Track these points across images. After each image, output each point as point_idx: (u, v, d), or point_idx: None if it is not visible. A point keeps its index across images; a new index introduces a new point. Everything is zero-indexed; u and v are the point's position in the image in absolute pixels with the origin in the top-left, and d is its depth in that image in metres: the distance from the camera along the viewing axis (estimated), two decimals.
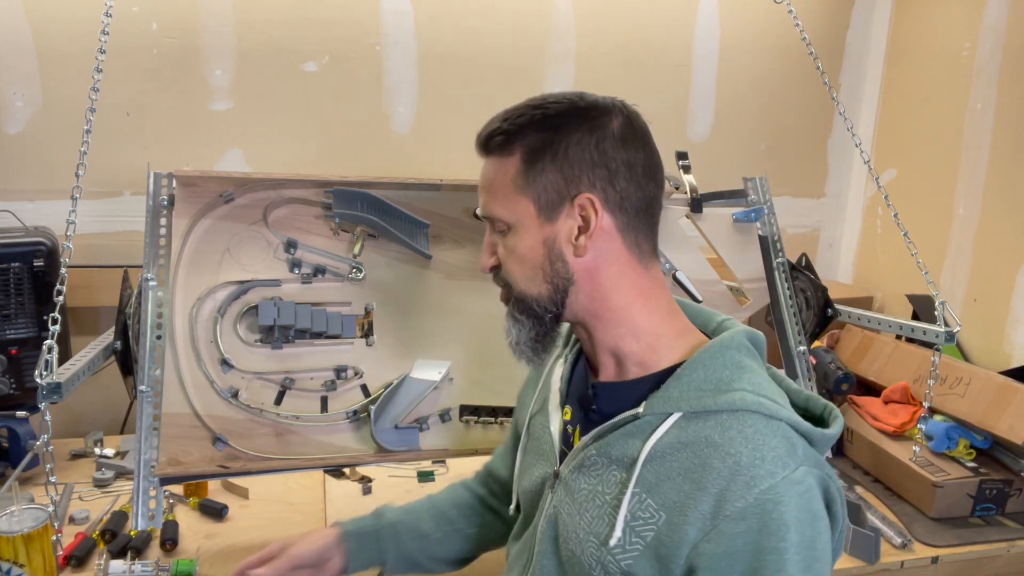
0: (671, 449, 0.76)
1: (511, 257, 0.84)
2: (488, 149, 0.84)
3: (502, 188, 0.82)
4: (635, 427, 0.80)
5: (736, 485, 0.71)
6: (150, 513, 1.14)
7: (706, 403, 0.77)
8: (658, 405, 0.79)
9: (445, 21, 1.86)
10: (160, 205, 1.24)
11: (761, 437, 0.74)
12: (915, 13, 2.06)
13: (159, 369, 1.18)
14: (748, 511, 0.71)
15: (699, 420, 0.77)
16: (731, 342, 0.81)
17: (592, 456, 0.83)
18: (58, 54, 1.65)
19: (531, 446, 0.96)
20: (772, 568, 0.70)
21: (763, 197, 1.55)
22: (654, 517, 0.76)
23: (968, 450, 1.49)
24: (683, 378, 0.79)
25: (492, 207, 0.84)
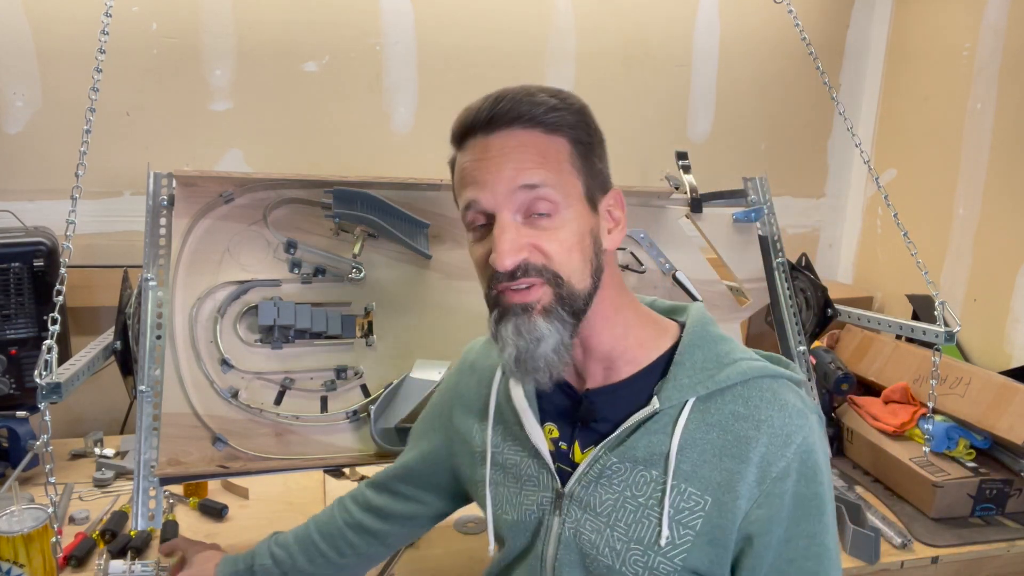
0: (699, 433, 0.77)
1: (563, 244, 0.76)
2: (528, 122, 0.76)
3: (555, 162, 0.76)
4: (654, 423, 0.79)
5: (775, 446, 0.75)
6: (150, 513, 1.14)
7: (718, 380, 0.78)
8: (673, 396, 0.78)
9: (445, 21, 1.86)
10: (160, 205, 1.24)
11: (781, 397, 0.77)
12: (915, 13, 2.06)
13: (159, 369, 1.18)
14: (790, 467, 0.75)
15: (716, 398, 0.78)
16: (703, 318, 0.84)
17: (613, 464, 0.80)
18: (58, 54, 1.65)
19: (505, 477, 0.89)
20: (816, 512, 0.76)
21: (763, 197, 1.55)
22: (699, 504, 0.76)
23: (968, 450, 1.49)
24: (686, 363, 0.80)
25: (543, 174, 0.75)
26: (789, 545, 0.75)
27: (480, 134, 0.77)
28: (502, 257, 0.74)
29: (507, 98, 0.76)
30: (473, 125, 0.78)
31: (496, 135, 0.76)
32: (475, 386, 0.95)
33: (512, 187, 0.75)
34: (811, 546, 0.76)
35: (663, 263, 1.43)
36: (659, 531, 0.76)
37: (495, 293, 0.78)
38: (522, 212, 0.76)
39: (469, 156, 0.78)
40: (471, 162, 0.78)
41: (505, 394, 0.89)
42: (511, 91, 0.77)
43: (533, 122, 0.76)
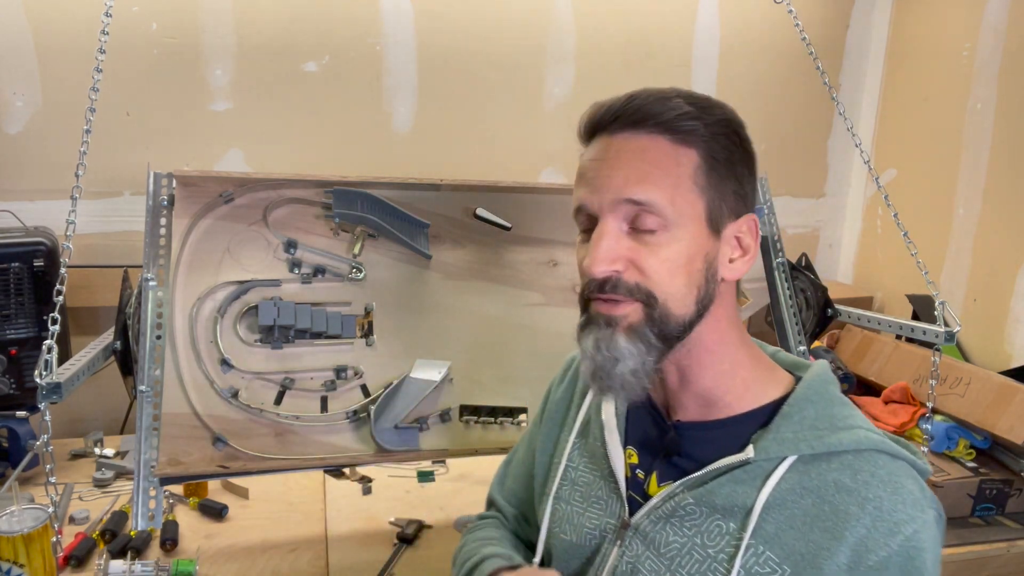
0: (792, 495, 0.69)
1: (664, 264, 0.69)
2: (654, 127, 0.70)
3: (673, 177, 0.69)
4: (744, 472, 0.71)
5: (878, 532, 0.66)
6: (150, 513, 1.14)
7: (828, 443, 0.70)
8: (772, 448, 0.71)
9: (445, 21, 1.86)
10: (160, 205, 1.24)
11: (896, 479, 0.68)
12: (915, 13, 2.06)
13: (159, 369, 1.18)
14: (892, 560, 0.66)
15: (820, 462, 0.70)
16: (826, 376, 0.75)
17: (688, 505, 0.73)
18: (58, 54, 1.65)
19: (573, 494, 0.84)
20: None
21: (763, 197, 1.55)
22: (776, 572, 0.68)
23: (968, 450, 1.49)
24: (794, 417, 0.72)
25: (653, 191, 0.69)
26: None
27: (605, 133, 0.73)
28: (594, 263, 0.70)
29: (639, 97, 0.71)
30: (600, 122, 0.73)
31: (619, 136, 0.71)
32: (571, 396, 0.91)
33: (618, 197, 0.70)
34: None
35: None
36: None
37: (586, 299, 0.74)
38: (628, 221, 0.71)
39: (589, 154, 0.74)
40: (589, 161, 0.73)
41: (596, 409, 0.85)
42: (647, 91, 0.72)
43: (661, 127, 0.70)
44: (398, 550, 1.27)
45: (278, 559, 1.24)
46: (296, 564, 1.23)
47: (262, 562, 1.23)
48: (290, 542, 1.29)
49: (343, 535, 1.32)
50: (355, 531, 1.33)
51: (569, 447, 0.86)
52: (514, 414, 1.31)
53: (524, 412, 1.31)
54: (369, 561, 1.24)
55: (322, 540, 1.30)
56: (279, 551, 1.26)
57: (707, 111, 0.72)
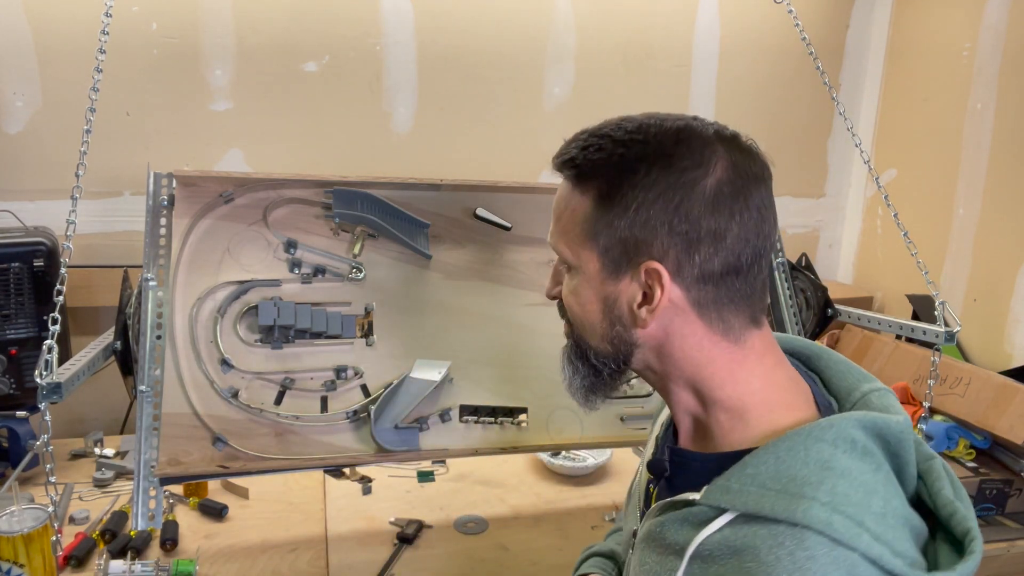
0: (719, 551, 0.63)
1: (571, 299, 0.74)
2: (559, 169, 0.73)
3: (570, 226, 0.71)
4: (690, 514, 0.67)
5: None
6: (150, 513, 1.14)
7: (764, 506, 0.61)
8: (714, 496, 0.65)
9: (445, 21, 1.86)
10: (160, 205, 1.24)
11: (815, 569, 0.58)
12: (915, 13, 2.06)
13: (159, 369, 1.18)
14: None
15: (756, 525, 0.62)
16: (828, 431, 0.64)
17: (656, 530, 0.71)
18: (58, 54, 1.65)
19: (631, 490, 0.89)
20: None
21: None
22: None
23: (968, 450, 1.49)
24: (747, 468, 0.65)
25: (556, 240, 0.74)
26: None
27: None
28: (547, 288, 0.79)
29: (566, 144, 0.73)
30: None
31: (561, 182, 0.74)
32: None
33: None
34: None
35: None
36: None
37: None
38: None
39: None
40: None
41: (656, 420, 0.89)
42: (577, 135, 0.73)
43: (564, 173, 0.72)
44: (398, 550, 1.28)
45: (278, 559, 1.24)
46: (296, 564, 1.23)
47: (262, 562, 1.23)
48: (290, 542, 1.29)
49: (343, 535, 1.32)
50: (355, 531, 1.33)
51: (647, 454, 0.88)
52: (514, 414, 1.31)
53: (524, 412, 1.31)
54: (369, 561, 1.24)
55: (322, 540, 1.30)
56: (279, 551, 1.26)
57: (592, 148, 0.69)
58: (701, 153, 0.66)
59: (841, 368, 0.77)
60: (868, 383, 0.74)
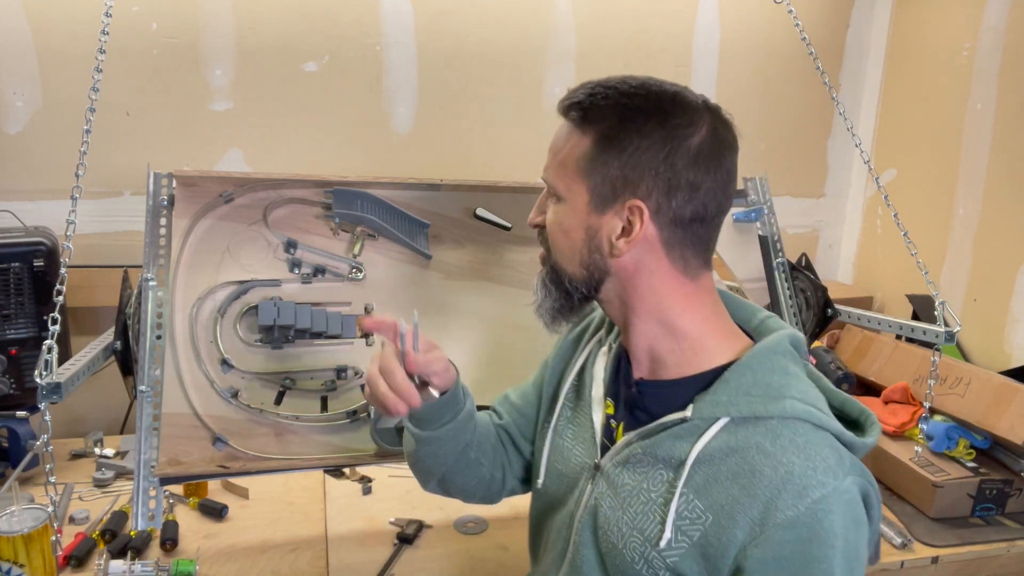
0: (720, 453, 0.77)
1: (555, 228, 0.85)
2: (564, 112, 0.84)
3: (567, 162, 0.82)
4: (683, 429, 0.80)
5: (787, 494, 0.72)
6: (150, 513, 1.14)
7: (756, 409, 0.77)
8: (706, 409, 0.79)
9: (445, 21, 1.86)
10: (160, 205, 1.24)
11: (812, 447, 0.74)
12: (915, 13, 2.06)
13: (159, 369, 1.18)
14: (799, 520, 0.71)
15: (748, 426, 0.77)
16: (777, 347, 0.81)
17: (638, 454, 0.83)
18: (58, 54, 1.65)
19: (567, 430, 0.95)
20: (819, 574, 0.71)
21: (763, 197, 1.55)
22: (701, 518, 0.76)
23: (968, 450, 1.49)
24: (731, 382, 0.79)
25: (551, 173, 0.84)
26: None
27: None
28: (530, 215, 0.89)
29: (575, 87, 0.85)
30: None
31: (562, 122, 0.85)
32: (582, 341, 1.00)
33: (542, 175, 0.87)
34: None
35: None
36: (661, 530, 0.78)
37: None
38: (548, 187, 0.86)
39: None
40: None
41: (592, 360, 0.96)
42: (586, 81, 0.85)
43: (568, 116, 0.83)
44: (398, 550, 1.28)
45: (278, 559, 1.24)
46: (296, 564, 1.23)
47: (262, 562, 1.23)
48: (290, 542, 1.29)
49: (343, 535, 1.32)
50: (355, 531, 1.33)
51: (567, 388, 0.97)
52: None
53: None
54: (369, 561, 1.24)
55: (322, 540, 1.30)
56: (279, 551, 1.26)
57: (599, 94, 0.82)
58: (691, 115, 0.80)
59: (736, 302, 0.90)
60: (760, 312, 0.89)
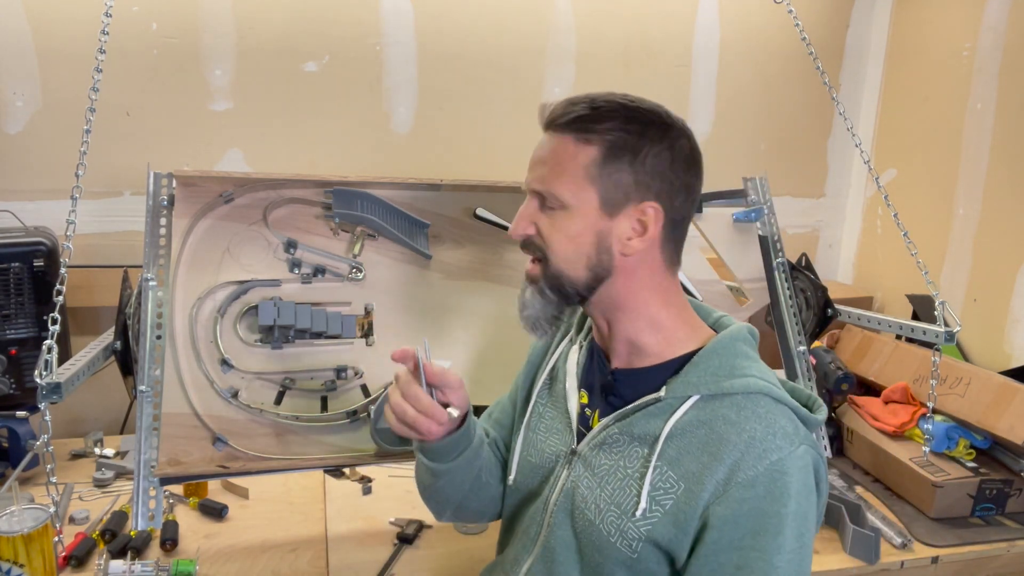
0: (690, 427, 0.85)
1: (558, 235, 0.87)
2: (561, 127, 0.86)
3: (571, 171, 0.86)
4: (657, 408, 0.88)
5: (750, 456, 0.81)
6: (150, 513, 1.14)
7: (723, 386, 0.85)
8: (679, 389, 0.87)
9: (445, 21, 1.86)
10: (160, 205, 1.24)
11: (772, 416, 0.83)
12: (915, 13, 2.06)
13: (159, 369, 1.18)
14: (758, 479, 0.80)
15: (715, 401, 0.85)
16: (738, 335, 0.91)
17: (614, 435, 0.90)
18: (58, 54, 1.65)
19: (539, 424, 1.01)
20: (772, 531, 0.79)
21: (763, 197, 1.55)
22: (674, 487, 0.84)
23: (968, 450, 1.49)
24: (700, 365, 0.88)
25: (554, 185, 0.86)
26: (740, 553, 0.80)
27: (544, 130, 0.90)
28: (513, 226, 0.91)
29: (560, 103, 0.88)
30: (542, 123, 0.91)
31: (546, 135, 0.89)
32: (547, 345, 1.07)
33: (531, 188, 0.90)
34: (759, 561, 0.79)
35: None
36: (637, 501, 0.85)
37: None
38: (539, 201, 0.89)
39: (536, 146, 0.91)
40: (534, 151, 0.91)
41: (563, 358, 1.01)
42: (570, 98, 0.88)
43: (565, 129, 0.86)
44: (398, 550, 1.28)
45: (278, 559, 1.24)
46: (296, 564, 1.23)
47: (262, 562, 1.23)
48: (290, 542, 1.29)
49: (343, 535, 1.32)
50: (355, 531, 1.33)
51: (539, 387, 1.03)
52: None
53: None
54: (369, 561, 1.24)
55: (322, 540, 1.30)
56: (279, 551, 1.26)
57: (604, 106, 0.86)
58: (679, 127, 0.88)
59: (694, 302, 0.98)
60: (715, 311, 0.98)
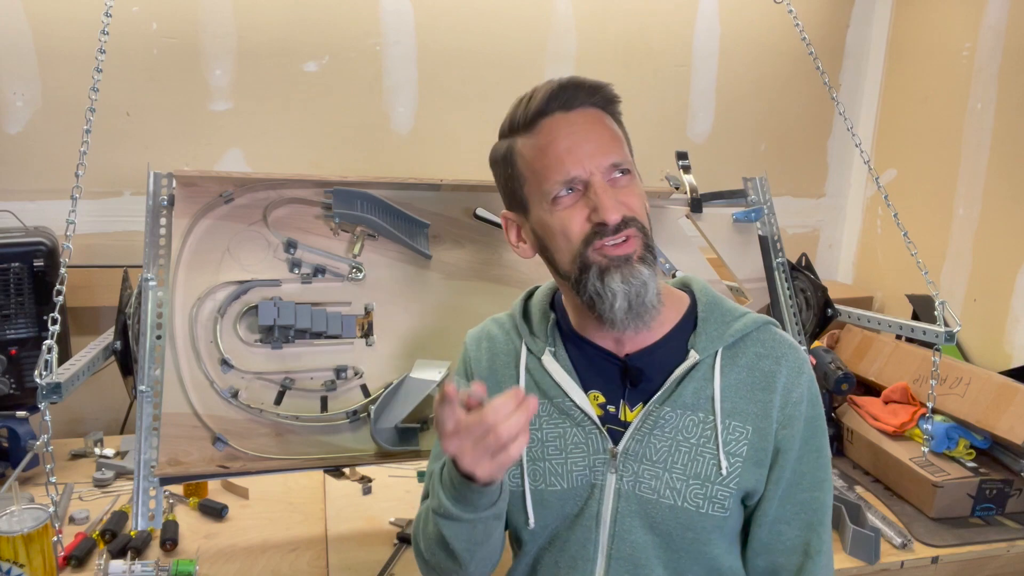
0: (733, 374, 0.90)
1: (639, 200, 0.88)
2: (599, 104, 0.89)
3: (622, 140, 0.90)
4: (696, 371, 0.90)
5: (791, 376, 0.90)
6: (150, 513, 1.14)
7: (738, 329, 0.91)
8: (708, 346, 0.91)
9: (445, 21, 1.86)
10: (160, 205, 1.24)
11: (784, 338, 0.93)
12: (915, 13, 2.06)
13: (159, 369, 1.18)
14: (803, 393, 0.90)
15: (738, 345, 0.92)
16: (706, 285, 0.98)
17: (665, 414, 0.90)
18: (58, 54, 1.65)
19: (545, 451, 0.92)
20: (821, 429, 0.92)
21: (763, 197, 1.55)
22: (743, 433, 0.89)
23: (968, 450, 1.49)
24: (710, 319, 0.93)
25: (623, 153, 0.88)
26: (803, 460, 0.90)
27: (558, 112, 0.87)
28: (611, 213, 0.84)
29: (573, 82, 0.88)
30: (550, 107, 0.87)
31: (575, 112, 0.87)
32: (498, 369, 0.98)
33: (604, 163, 0.86)
34: (819, 458, 0.91)
35: (663, 263, 1.43)
36: (716, 464, 0.88)
37: (592, 251, 0.86)
38: (608, 178, 0.87)
39: (548, 135, 0.87)
40: (557, 138, 0.86)
41: (540, 371, 0.94)
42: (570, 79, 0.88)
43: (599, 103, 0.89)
44: (398, 550, 1.28)
45: (278, 559, 1.24)
46: (296, 564, 1.23)
47: (262, 562, 1.23)
48: (290, 542, 1.29)
49: (343, 535, 1.32)
50: (355, 531, 1.33)
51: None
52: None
53: None
54: (369, 561, 1.24)
55: (322, 540, 1.30)
56: (279, 551, 1.26)
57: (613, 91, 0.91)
58: None
59: None
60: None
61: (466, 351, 1.02)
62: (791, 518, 0.91)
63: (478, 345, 1.01)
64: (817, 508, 0.91)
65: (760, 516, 0.91)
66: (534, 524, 0.93)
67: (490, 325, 1.03)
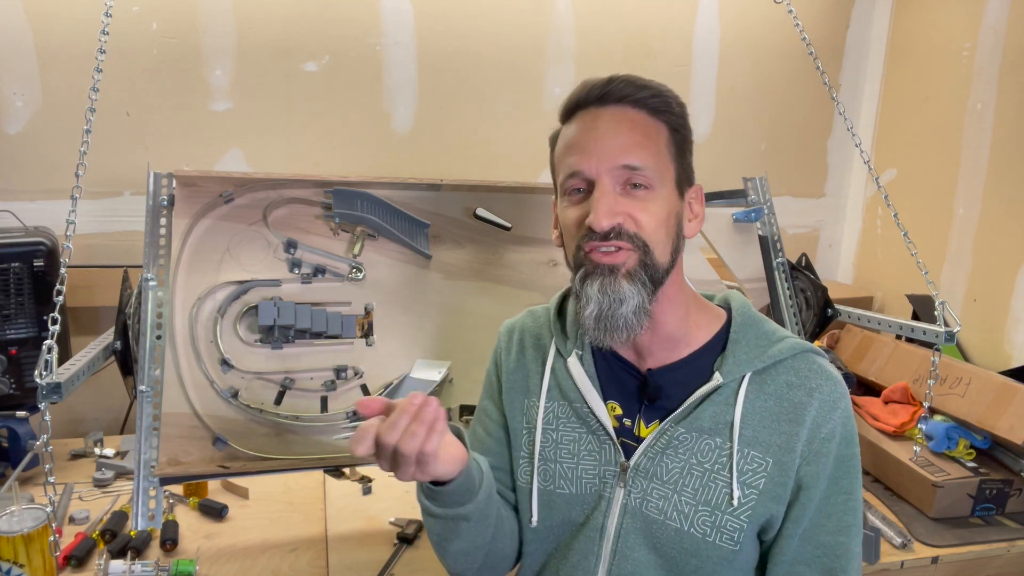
0: (758, 402, 0.86)
1: (653, 217, 0.83)
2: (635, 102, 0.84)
3: (655, 143, 0.84)
4: (718, 395, 0.86)
5: (824, 411, 0.85)
6: (150, 513, 1.14)
7: (771, 355, 0.86)
8: (734, 370, 0.86)
9: (445, 21, 1.86)
10: (160, 205, 1.24)
11: (823, 368, 0.87)
12: (915, 13, 2.06)
13: (159, 369, 1.18)
14: (835, 429, 0.85)
15: (770, 371, 0.87)
16: (746, 303, 0.92)
17: (680, 435, 0.87)
18: (58, 54, 1.65)
19: (558, 452, 0.91)
20: (853, 469, 0.86)
21: (763, 197, 1.55)
22: (762, 465, 0.84)
23: (968, 450, 1.49)
24: (742, 341, 0.88)
25: (644, 156, 0.82)
26: (829, 501, 0.85)
27: (592, 106, 0.85)
28: (600, 218, 0.81)
29: (620, 78, 0.85)
30: (586, 98, 0.86)
31: (608, 108, 0.85)
32: (526, 363, 0.98)
33: (615, 163, 0.82)
34: (848, 501, 0.86)
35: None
36: (728, 493, 0.84)
37: (583, 253, 0.84)
38: (620, 183, 0.83)
39: (576, 126, 0.86)
40: (580, 131, 0.85)
41: (564, 373, 0.93)
42: (623, 75, 0.86)
43: (641, 103, 0.84)
44: (398, 550, 1.28)
45: (278, 559, 1.24)
46: (296, 564, 1.23)
47: (262, 562, 1.23)
48: (290, 542, 1.29)
49: (343, 535, 1.32)
50: (355, 531, 1.33)
51: (543, 411, 0.93)
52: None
53: None
54: (369, 561, 1.24)
55: (322, 540, 1.30)
56: (279, 551, 1.26)
57: (671, 94, 0.87)
58: None
59: None
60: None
61: (499, 341, 1.03)
62: (812, 560, 0.86)
63: (510, 337, 1.02)
64: (841, 554, 0.85)
65: (777, 554, 0.87)
66: (536, 523, 0.92)
67: (526, 317, 1.03)
